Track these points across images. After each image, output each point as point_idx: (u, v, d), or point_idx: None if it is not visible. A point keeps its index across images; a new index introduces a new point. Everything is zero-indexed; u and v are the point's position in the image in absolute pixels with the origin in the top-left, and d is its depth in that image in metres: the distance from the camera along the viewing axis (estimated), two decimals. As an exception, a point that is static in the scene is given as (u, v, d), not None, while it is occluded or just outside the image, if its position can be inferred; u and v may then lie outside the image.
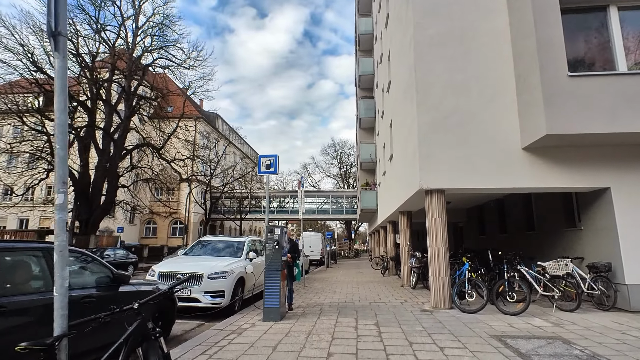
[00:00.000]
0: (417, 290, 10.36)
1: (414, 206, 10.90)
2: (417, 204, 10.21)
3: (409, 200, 9.42)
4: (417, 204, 10.21)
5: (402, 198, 10.06)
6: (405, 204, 10.16)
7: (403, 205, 10.51)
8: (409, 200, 9.42)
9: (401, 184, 10.14)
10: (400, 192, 10.44)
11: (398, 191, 10.91)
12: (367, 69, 21.01)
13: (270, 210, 46.64)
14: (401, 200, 10.20)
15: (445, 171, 7.39)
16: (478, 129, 7.48)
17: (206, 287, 6.79)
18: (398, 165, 10.89)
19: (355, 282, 13.18)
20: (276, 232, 6.56)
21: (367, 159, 20.09)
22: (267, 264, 6.45)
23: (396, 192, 11.40)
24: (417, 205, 10.41)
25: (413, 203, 9.93)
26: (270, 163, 7.00)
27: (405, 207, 11.10)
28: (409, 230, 11.95)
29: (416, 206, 10.88)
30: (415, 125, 7.64)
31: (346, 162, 55.88)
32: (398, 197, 10.94)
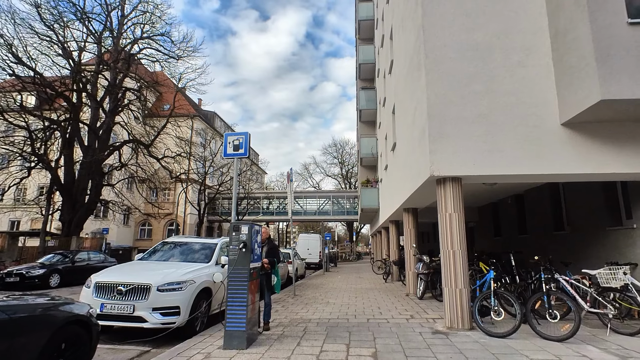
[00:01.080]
0: (426, 301, 8.76)
1: (421, 202, 9.32)
2: (425, 199, 8.63)
3: (416, 194, 7.85)
4: (425, 199, 8.63)
5: (407, 192, 8.49)
6: (411, 198, 8.59)
7: (408, 200, 8.94)
8: (416, 194, 7.85)
9: (406, 175, 8.57)
10: (405, 184, 8.87)
11: (402, 184, 9.34)
12: (368, 57, 19.47)
13: (270, 212, 45.20)
14: (406, 194, 8.64)
15: (462, 154, 5.81)
16: (503, 100, 5.91)
17: (155, 302, 5.24)
18: (402, 154, 9.32)
19: (354, 290, 11.59)
20: (243, 231, 5.02)
21: (367, 154, 18.53)
22: (229, 272, 4.90)
23: (400, 185, 9.84)
24: (425, 200, 8.83)
25: (420, 197, 8.35)
26: (240, 143, 5.47)
27: (411, 203, 9.53)
28: (414, 231, 10.36)
29: (424, 202, 9.30)
30: (424, 98, 6.08)
31: (347, 162, 54.35)
32: (402, 192, 9.38)
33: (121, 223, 39.47)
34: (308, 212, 44.51)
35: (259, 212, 44.52)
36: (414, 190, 7.47)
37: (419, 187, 7.01)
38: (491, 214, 13.00)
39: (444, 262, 5.89)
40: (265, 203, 45.35)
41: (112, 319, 5.18)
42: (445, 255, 5.89)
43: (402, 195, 9.62)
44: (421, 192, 7.58)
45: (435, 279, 8.91)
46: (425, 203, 9.55)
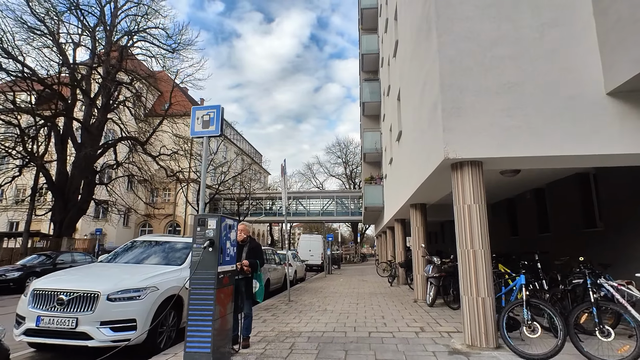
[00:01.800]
0: (437, 309, 7.66)
1: (431, 195, 8.23)
2: (435, 191, 7.55)
3: (426, 186, 6.78)
4: (435, 191, 7.55)
5: (414, 184, 7.43)
6: (420, 192, 7.52)
7: (416, 194, 7.87)
8: (426, 186, 6.78)
9: (414, 164, 7.50)
10: (412, 176, 7.80)
11: (409, 177, 8.27)
12: (372, 47, 18.42)
13: (272, 212, 44.25)
14: (414, 187, 7.57)
15: (483, 132, 4.74)
16: (533, 67, 4.83)
17: (104, 315, 4.23)
18: (409, 142, 8.25)
19: (356, 295, 10.51)
20: (210, 225, 3.99)
21: (371, 149, 17.45)
22: (191, 278, 3.88)
23: (407, 178, 8.76)
24: (435, 192, 7.75)
25: (430, 190, 7.28)
26: (211, 118, 4.46)
27: (419, 197, 8.45)
28: (422, 229, 9.27)
29: (434, 195, 8.21)
30: (436, 67, 5.03)
31: (352, 161, 53.22)
32: (409, 185, 8.31)
33: (121, 224, 38.84)
34: (312, 213, 43.50)
35: (261, 213, 43.64)
36: (423, 181, 6.40)
37: (429, 176, 5.94)
38: (506, 211, 11.85)
39: (462, 265, 4.81)
40: (268, 204, 44.44)
41: (51, 335, 4.18)
42: (463, 256, 4.81)
43: (409, 189, 8.55)
44: (431, 183, 6.51)
45: (447, 284, 7.81)
46: (435, 197, 8.47)
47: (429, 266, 8.16)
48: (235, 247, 4.43)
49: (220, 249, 3.95)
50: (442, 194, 7.84)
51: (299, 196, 45.17)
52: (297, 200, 44.31)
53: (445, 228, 20.44)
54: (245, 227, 5.02)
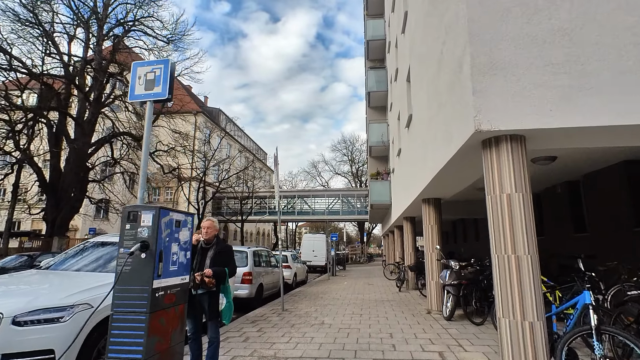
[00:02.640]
0: (456, 324, 6.39)
1: (448, 188, 6.95)
2: (455, 182, 6.27)
3: (444, 175, 5.53)
4: (455, 182, 6.27)
5: (428, 174, 6.18)
6: (435, 183, 6.26)
7: (430, 186, 6.62)
8: (444, 175, 5.53)
9: (428, 149, 6.24)
10: (426, 164, 6.54)
11: (422, 165, 7.01)
12: (378, 32, 17.12)
13: (277, 212, 43.16)
14: (427, 177, 6.32)
15: (529, 95, 3.48)
16: (600, 6, 3.55)
17: (7, 345, 3.08)
18: (422, 124, 6.99)
19: (360, 302, 9.28)
20: (144, 221, 2.80)
21: (377, 142, 16.17)
22: (113, 297, 2.70)
23: (419, 168, 7.50)
24: (454, 184, 6.48)
25: (449, 180, 6.02)
26: (156, 77, 3.28)
27: (433, 190, 7.19)
28: (437, 228, 7.99)
29: (451, 188, 6.94)
30: (462, 8, 3.77)
31: (358, 159, 51.89)
32: (422, 176, 7.05)
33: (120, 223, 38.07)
34: (317, 212, 42.35)
35: (265, 212, 42.62)
36: (441, 168, 5.15)
37: (449, 161, 4.69)
38: (530, 208, 10.49)
39: (499, 277, 3.55)
40: (272, 202, 43.40)
41: None
42: (500, 264, 3.55)
43: (421, 181, 7.30)
44: (451, 171, 5.25)
45: (468, 293, 6.53)
46: (453, 190, 7.18)
47: (446, 272, 6.89)
48: (187, 251, 3.24)
49: (159, 254, 2.76)
50: (462, 185, 6.56)
51: (304, 194, 44.04)
52: (302, 199, 43.20)
53: (458, 227, 19.07)
54: (212, 224, 3.84)
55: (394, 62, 12.86)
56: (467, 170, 5.21)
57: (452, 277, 6.69)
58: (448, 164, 4.90)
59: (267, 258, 10.77)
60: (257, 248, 10.08)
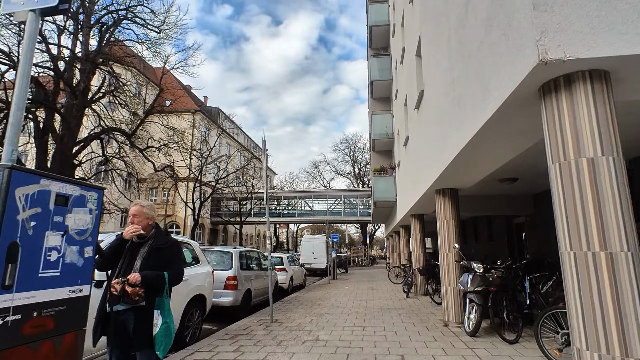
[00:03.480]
0: (483, 341, 5.13)
1: (468, 174, 5.70)
2: (478, 166, 5.02)
3: (468, 153, 4.30)
4: (478, 166, 5.02)
5: (447, 155, 4.96)
6: (453, 168, 5.03)
7: (447, 173, 5.40)
8: (468, 153, 4.30)
9: (449, 120, 5.01)
10: (444, 144, 5.31)
11: (438, 148, 5.79)
12: (381, 17, 15.93)
13: (277, 213, 42.04)
14: (446, 159, 5.09)
15: (622, 5, 2.26)
16: None
17: None
18: (439, 96, 5.76)
19: (363, 310, 8.03)
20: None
21: (381, 135, 14.94)
22: None
23: (433, 151, 6.27)
24: (476, 170, 5.24)
25: (475, 159, 4.77)
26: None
27: (450, 178, 5.95)
28: (454, 224, 6.74)
29: (472, 175, 5.69)
30: None
31: (360, 159, 50.65)
32: (438, 160, 5.83)
33: (117, 224, 37.07)
34: (318, 213, 41.12)
35: (264, 214, 41.44)
36: (467, 143, 3.93)
37: (482, 129, 3.47)
38: (556, 203, 9.24)
39: (575, 286, 2.31)
40: (271, 203, 42.23)
41: None
42: (576, 265, 2.32)
43: (435, 168, 6.09)
44: (480, 146, 4.03)
45: (497, 302, 5.28)
46: (474, 176, 5.94)
47: (467, 276, 5.64)
48: (87, 247, 2.03)
49: (7, 250, 1.55)
50: (489, 168, 5.32)
51: (305, 195, 42.86)
52: (303, 200, 42.02)
53: (468, 226, 17.73)
54: (140, 209, 2.63)
55: (399, 44, 11.66)
56: (504, 142, 3.99)
57: (476, 283, 5.44)
58: (479, 135, 3.68)
59: (258, 260, 9.55)
60: (245, 249, 8.87)
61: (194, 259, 6.00)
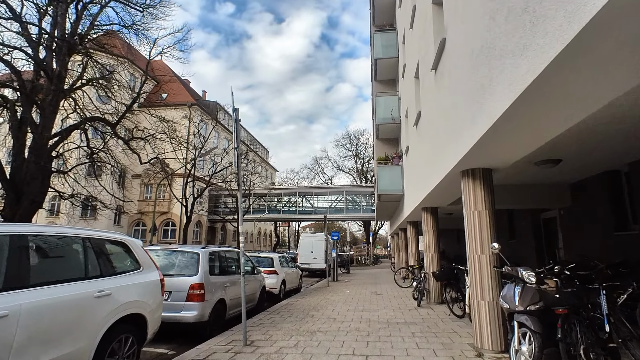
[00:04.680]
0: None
1: (507, 148, 3.96)
2: (526, 134, 3.28)
3: (518, 112, 2.59)
4: (526, 134, 3.28)
5: (485, 119, 3.25)
6: (495, 135, 3.32)
7: (483, 144, 3.68)
8: (518, 112, 2.59)
9: (490, 69, 3.28)
10: (477, 108, 3.59)
11: (465, 118, 4.07)
12: (385, -12, 14.18)
13: (277, 210, 40.43)
14: (481, 127, 3.38)
15: None
16: None
17: None
18: (471, 37, 4.03)
19: (365, 326, 6.36)
20: None
21: (386, 119, 13.20)
22: None
23: (457, 125, 4.55)
24: (521, 141, 3.49)
25: (518, 125, 3.05)
26: None
27: (485, 152, 4.23)
28: (488, 215, 5.01)
29: (514, 148, 3.95)
30: None
31: (363, 154, 48.88)
32: (465, 134, 4.12)
33: (111, 223, 35.66)
34: (319, 210, 39.43)
35: (264, 210, 39.88)
36: (521, 94, 2.23)
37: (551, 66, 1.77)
38: (603, 193, 7.47)
39: None
40: (271, 200, 40.62)
41: None
42: None
43: (461, 142, 4.41)
44: (541, 93, 2.32)
45: (567, 331, 3.55)
46: (516, 151, 4.21)
47: (512, 288, 3.95)
48: None
49: None
50: (538, 141, 3.60)
51: (306, 192, 41.21)
52: (304, 197, 40.38)
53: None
54: None
55: (407, 15, 9.93)
56: (580, 91, 2.28)
57: (528, 299, 3.74)
58: (546, 77, 1.99)
59: (237, 262, 7.88)
60: (219, 248, 7.19)
61: (132, 262, 4.35)
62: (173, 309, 5.65)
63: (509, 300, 3.95)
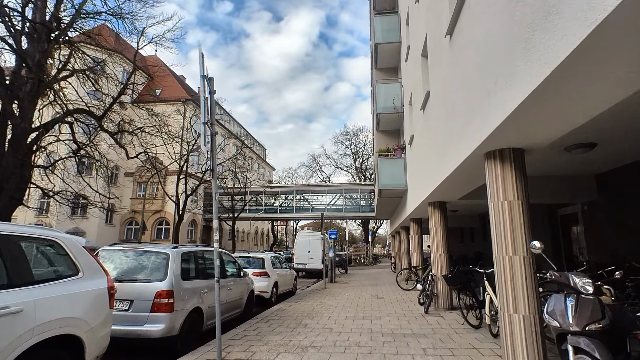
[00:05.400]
0: None
1: (551, 118, 3.00)
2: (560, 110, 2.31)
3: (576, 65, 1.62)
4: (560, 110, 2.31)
5: (531, 77, 2.28)
6: (534, 102, 2.34)
7: (517, 118, 2.70)
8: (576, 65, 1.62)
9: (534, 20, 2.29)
10: (510, 71, 2.60)
11: (505, 74, 3.09)
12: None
13: (274, 209, 39.41)
14: (525, 89, 2.41)
15: None
16: None
17: None
18: None
19: (366, 339, 5.38)
20: None
21: (387, 109, 12.22)
22: None
23: (483, 89, 3.57)
24: (555, 120, 2.51)
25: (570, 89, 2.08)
26: None
27: (517, 128, 3.24)
28: (521, 207, 4.04)
29: (549, 128, 2.98)
30: None
31: (362, 151, 47.91)
32: (496, 98, 3.14)
33: (103, 221, 34.53)
34: (317, 209, 38.46)
35: (260, 209, 38.87)
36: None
37: None
38: (638, 185, 6.52)
39: None
40: (267, 199, 39.61)
41: None
42: None
43: (491, 116, 3.44)
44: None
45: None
46: (555, 129, 3.23)
47: (564, 300, 2.99)
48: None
49: None
50: (584, 114, 2.63)
51: (304, 190, 40.22)
52: (302, 195, 39.38)
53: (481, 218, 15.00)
54: None
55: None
56: None
57: (588, 315, 2.79)
58: None
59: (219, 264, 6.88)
60: (195, 248, 6.19)
61: (66, 267, 3.35)
62: (135, 321, 4.67)
63: (559, 317, 2.99)
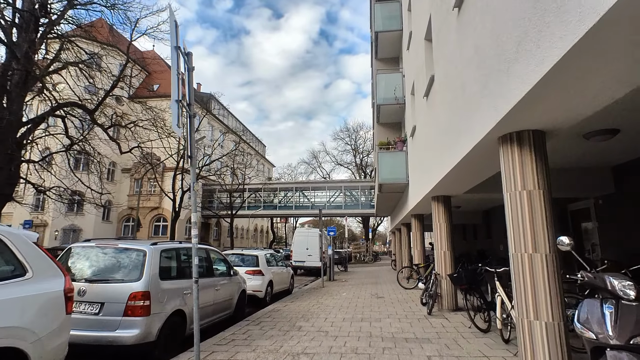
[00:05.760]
0: None
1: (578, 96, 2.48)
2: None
3: None
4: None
5: (555, 51, 1.76)
6: (560, 72, 1.82)
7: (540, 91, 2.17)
8: None
9: None
10: (537, 38, 2.07)
11: (530, 43, 2.56)
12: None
13: (273, 206, 38.93)
14: (549, 58, 1.89)
15: None
16: None
17: None
18: None
19: (365, 345, 4.88)
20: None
21: (388, 100, 11.68)
22: None
23: (503, 57, 3.04)
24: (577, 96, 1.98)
25: None
26: None
27: (548, 103, 2.72)
28: (543, 197, 3.53)
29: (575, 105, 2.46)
30: None
31: (362, 148, 47.38)
32: (511, 78, 2.61)
33: (99, 218, 34.10)
34: (316, 205, 37.95)
35: (259, 206, 38.38)
36: None
37: None
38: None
39: None
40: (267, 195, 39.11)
41: None
42: None
43: (504, 94, 2.91)
44: None
45: None
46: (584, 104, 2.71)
47: (600, 307, 2.48)
48: None
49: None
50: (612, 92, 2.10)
51: (303, 187, 39.71)
52: (301, 192, 38.89)
53: (492, 216, 14.46)
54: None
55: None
56: None
57: (632, 326, 2.28)
58: None
59: (209, 262, 6.38)
60: (175, 245, 5.68)
61: (11, 266, 2.85)
62: (106, 326, 4.17)
63: (595, 327, 2.48)
